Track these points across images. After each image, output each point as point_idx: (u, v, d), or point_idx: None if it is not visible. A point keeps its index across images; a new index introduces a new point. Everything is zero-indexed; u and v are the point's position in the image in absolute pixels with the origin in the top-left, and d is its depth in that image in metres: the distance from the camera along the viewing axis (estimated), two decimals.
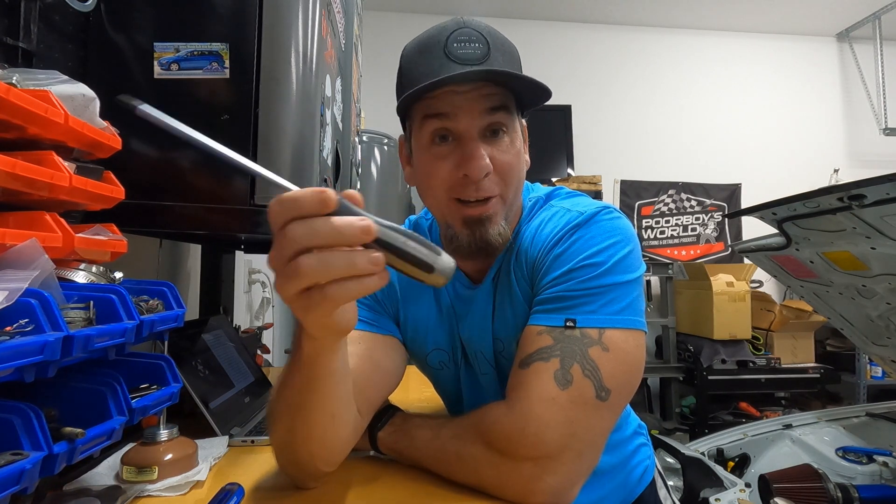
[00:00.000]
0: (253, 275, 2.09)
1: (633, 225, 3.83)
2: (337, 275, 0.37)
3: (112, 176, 0.64)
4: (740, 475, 1.92)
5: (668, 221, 3.88)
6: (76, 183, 0.54)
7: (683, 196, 3.88)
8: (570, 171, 3.65)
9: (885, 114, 3.82)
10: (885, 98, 3.82)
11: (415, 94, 0.62)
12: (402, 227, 0.39)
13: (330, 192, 0.36)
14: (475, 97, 0.63)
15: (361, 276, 0.37)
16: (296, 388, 0.52)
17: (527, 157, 0.73)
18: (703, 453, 1.90)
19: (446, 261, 0.39)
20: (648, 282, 3.61)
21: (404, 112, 0.70)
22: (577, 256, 0.63)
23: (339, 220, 0.36)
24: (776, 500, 1.54)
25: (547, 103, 0.67)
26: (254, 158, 0.76)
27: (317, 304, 0.38)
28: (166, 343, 0.71)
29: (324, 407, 0.53)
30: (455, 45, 0.63)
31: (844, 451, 1.91)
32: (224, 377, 0.95)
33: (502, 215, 0.67)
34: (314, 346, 0.47)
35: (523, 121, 0.72)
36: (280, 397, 0.56)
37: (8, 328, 0.41)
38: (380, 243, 0.37)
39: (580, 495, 0.58)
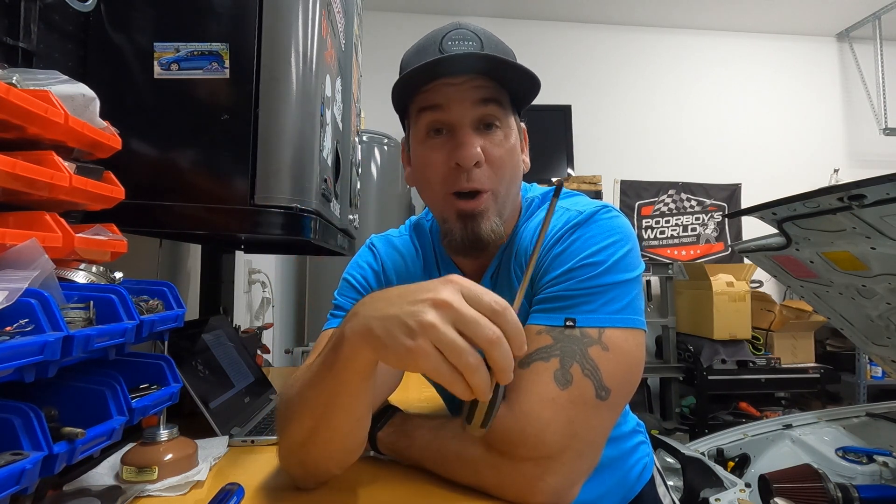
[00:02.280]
0: (253, 275, 2.09)
1: (633, 225, 3.83)
2: (447, 349, 0.41)
3: (112, 176, 0.64)
4: (740, 475, 1.92)
5: (668, 221, 3.88)
6: (76, 183, 0.54)
7: (683, 196, 3.88)
8: (570, 171, 3.65)
9: (885, 114, 3.82)
10: (885, 98, 3.82)
11: (408, 88, 0.64)
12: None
13: (510, 310, 0.43)
14: (467, 89, 0.64)
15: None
16: (326, 389, 0.51)
17: (525, 158, 0.73)
18: (703, 453, 1.90)
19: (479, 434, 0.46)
20: (648, 282, 3.61)
21: (402, 111, 0.71)
22: (577, 256, 0.63)
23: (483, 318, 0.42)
24: (776, 500, 1.54)
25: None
26: (254, 159, 0.76)
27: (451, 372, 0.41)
28: (166, 343, 0.71)
29: (352, 411, 0.53)
30: (449, 43, 0.65)
31: (844, 451, 1.91)
32: (224, 377, 0.95)
33: (495, 211, 0.67)
34: (362, 355, 0.46)
35: (522, 123, 0.73)
36: (303, 397, 0.55)
37: (8, 328, 0.41)
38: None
39: (580, 494, 0.58)
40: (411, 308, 0.42)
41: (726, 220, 3.88)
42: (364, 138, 2.73)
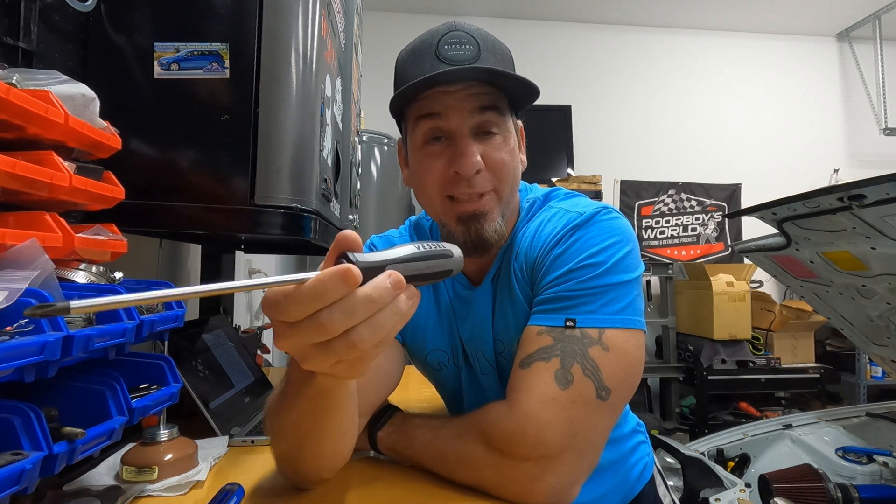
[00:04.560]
0: (253, 275, 2.09)
1: (633, 225, 3.83)
2: (389, 331, 0.35)
3: (112, 176, 0.64)
4: (740, 475, 1.92)
5: (668, 221, 3.88)
6: (76, 183, 0.54)
7: (683, 196, 3.88)
8: (570, 171, 3.65)
9: (885, 114, 3.82)
10: (885, 98, 3.82)
11: (406, 95, 0.63)
12: (409, 251, 0.38)
13: (352, 269, 0.32)
14: (465, 97, 0.64)
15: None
16: (305, 412, 0.50)
17: (523, 157, 0.73)
18: (703, 453, 1.90)
19: (457, 258, 0.41)
20: (648, 282, 3.61)
21: (399, 115, 0.71)
22: (577, 257, 0.63)
23: (373, 292, 0.33)
24: (776, 500, 1.54)
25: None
26: (254, 159, 0.76)
27: (368, 358, 0.37)
28: (166, 343, 0.71)
29: (337, 426, 0.53)
30: (446, 47, 0.64)
31: (844, 451, 1.91)
32: (224, 377, 0.95)
33: (498, 212, 0.67)
34: (334, 382, 0.45)
35: (519, 122, 0.73)
36: (284, 419, 0.54)
37: (8, 328, 0.41)
38: (407, 279, 0.36)
39: (581, 494, 0.58)
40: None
41: (726, 220, 3.88)
42: (364, 138, 2.73)
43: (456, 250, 0.41)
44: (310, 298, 0.32)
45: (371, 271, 0.34)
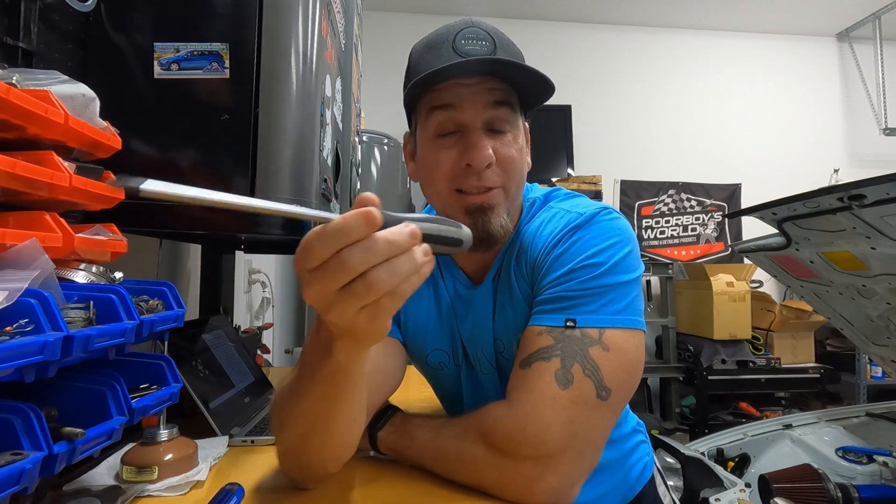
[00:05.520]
0: (253, 275, 2.09)
1: (633, 225, 3.83)
2: (406, 277, 0.37)
3: (112, 176, 0.63)
4: (740, 475, 1.92)
5: (668, 221, 3.88)
6: (76, 183, 0.54)
7: (683, 196, 3.89)
8: (570, 171, 3.65)
9: (885, 114, 3.82)
10: (885, 98, 3.82)
11: (422, 85, 0.64)
12: (424, 216, 0.42)
13: (374, 211, 0.35)
14: (480, 90, 0.64)
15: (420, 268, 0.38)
16: (317, 397, 0.51)
17: (528, 158, 0.73)
18: (703, 453, 1.90)
19: (466, 231, 0.45)
20: (648, 282, 3.61)
21: (411, 106, 0.71)
22: (578, 257, 0.64)
23: (390, 235, 0.36)
24: (776, 500, 1.54)
25: (547, 103, 0.68)
26: (254, 158, 0.76)
27: (387, 308, 0.38)
28: (166, 343, 0.71)
29: (347, 413, 0.53)
30: (462, 41, 0.64)
31: (844, 451, 1.91)
32: (224, 377, 0.95)
33: (504, 207, 0.68)
34: (350, 355, 0.45)
35: (526, 123, 0.73)
36: (293, 407, 0.54)
37: (8, 328, 0.41)
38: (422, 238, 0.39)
39: (581, 494, 0.58)
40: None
41: (726, 220, 3.88)
42: (364, 138, 2.73)
43: (466, 229, 0.45)
44: (333, 235, 0.35)
45: (390, 223, 0.37)
